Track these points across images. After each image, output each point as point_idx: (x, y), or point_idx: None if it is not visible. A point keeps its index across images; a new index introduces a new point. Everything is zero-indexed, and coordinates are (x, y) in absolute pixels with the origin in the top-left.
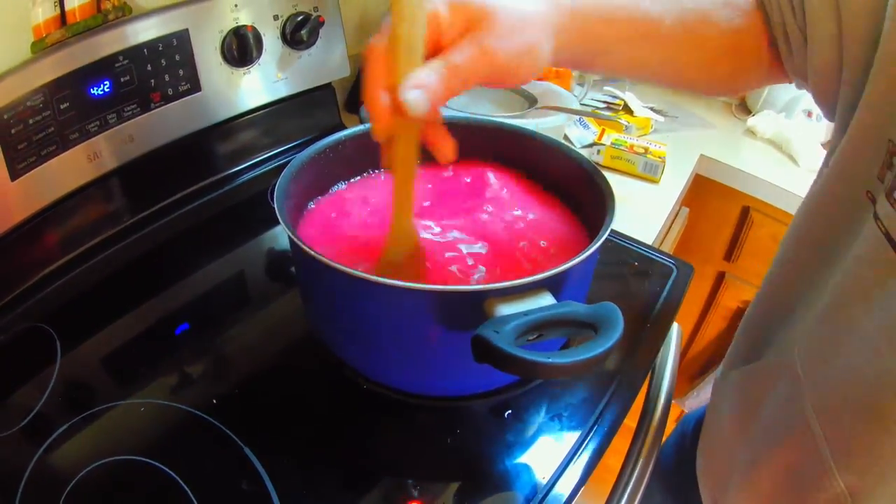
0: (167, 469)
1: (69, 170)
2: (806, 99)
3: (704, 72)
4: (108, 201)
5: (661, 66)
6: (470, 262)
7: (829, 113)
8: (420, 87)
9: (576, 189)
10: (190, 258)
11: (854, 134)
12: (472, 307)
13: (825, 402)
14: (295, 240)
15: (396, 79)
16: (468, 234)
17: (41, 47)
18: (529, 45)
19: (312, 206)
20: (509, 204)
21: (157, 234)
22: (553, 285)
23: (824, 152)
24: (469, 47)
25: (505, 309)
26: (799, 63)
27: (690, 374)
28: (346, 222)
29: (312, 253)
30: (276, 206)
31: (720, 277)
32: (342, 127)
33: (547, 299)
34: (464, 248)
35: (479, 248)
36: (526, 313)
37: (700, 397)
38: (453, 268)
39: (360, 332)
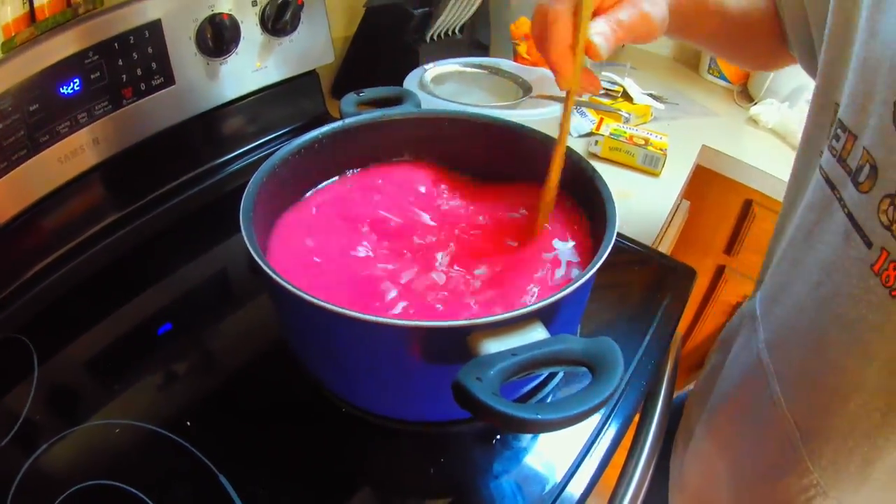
0: (141, 494)
1: (40, 174)
2: (810, 89)
3: (744, 50)
4: (81, 204)
5: (726, 39)
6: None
7: None
8: (601, 35)
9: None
10: (169, 259)
11: (813, 100)
12: (455, 343)
13: (775, 338)
14: (264, 268)
15: (580, 36)
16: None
17: (11, 47)
18: (664, 11)
19: (285, 215)
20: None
21: (134, 236)
22: (545, 315)
23: None
24: (631, 9)
25: (491, 345)
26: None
27: (688, 366)
28: (323, 234)
29: (286, 285)
30: (242, 227)
31: (720, 271)
32: (328, 115)
33: (538, 332)
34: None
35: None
36: (514, 352)
37: None
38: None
39: (336, 362)
